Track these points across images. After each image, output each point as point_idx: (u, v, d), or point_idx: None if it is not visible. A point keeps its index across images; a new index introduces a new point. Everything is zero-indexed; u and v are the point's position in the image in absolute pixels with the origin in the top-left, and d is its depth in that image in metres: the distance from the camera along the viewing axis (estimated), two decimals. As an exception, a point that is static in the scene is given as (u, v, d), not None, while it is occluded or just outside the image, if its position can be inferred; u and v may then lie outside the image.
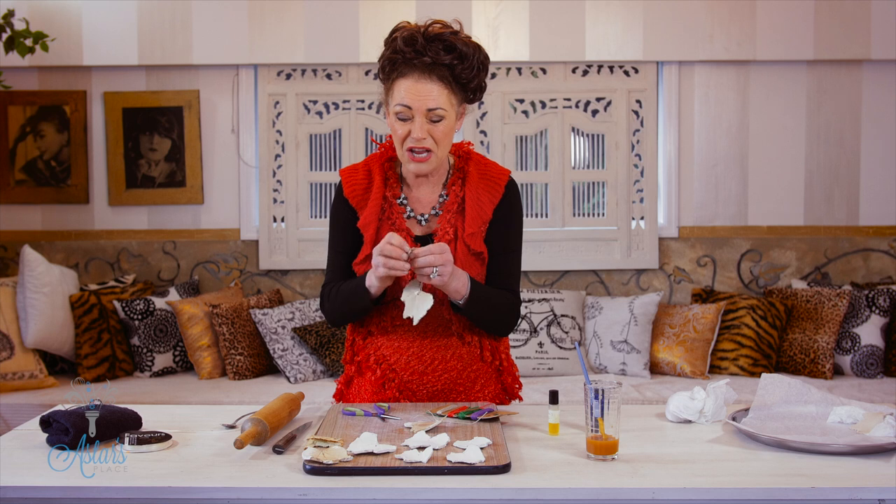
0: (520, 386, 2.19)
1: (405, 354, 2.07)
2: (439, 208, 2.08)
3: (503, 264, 2.08)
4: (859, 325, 4.11)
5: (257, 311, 4.16)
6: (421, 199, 2.09)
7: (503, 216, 2.07)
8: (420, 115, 1.94)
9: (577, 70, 4.48)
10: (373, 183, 2.08)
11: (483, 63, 2.02)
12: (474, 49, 1.99)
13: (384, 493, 1.49)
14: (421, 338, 2.07)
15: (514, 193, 2.10)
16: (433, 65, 1.94)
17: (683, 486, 1.50)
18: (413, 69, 1.95)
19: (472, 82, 2.00)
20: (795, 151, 4.50)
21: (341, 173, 2.12)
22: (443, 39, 1.95)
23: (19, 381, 3.91)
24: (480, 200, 2.04)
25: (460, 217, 2.04)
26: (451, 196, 2.07)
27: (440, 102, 1.95)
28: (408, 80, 1.95)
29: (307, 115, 4.50)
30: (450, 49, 1.95)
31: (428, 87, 1.94)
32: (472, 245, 2.02)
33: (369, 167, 2.11)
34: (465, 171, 2.09)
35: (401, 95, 1.95)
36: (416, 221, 2.07)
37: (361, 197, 2.07)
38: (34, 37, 4.00)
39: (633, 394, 3.81)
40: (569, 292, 4.33)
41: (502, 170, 2.10)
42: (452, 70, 1.96)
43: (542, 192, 4.53)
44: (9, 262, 4.49)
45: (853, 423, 1.81)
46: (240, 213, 4.53)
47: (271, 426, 1.74)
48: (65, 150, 4.50)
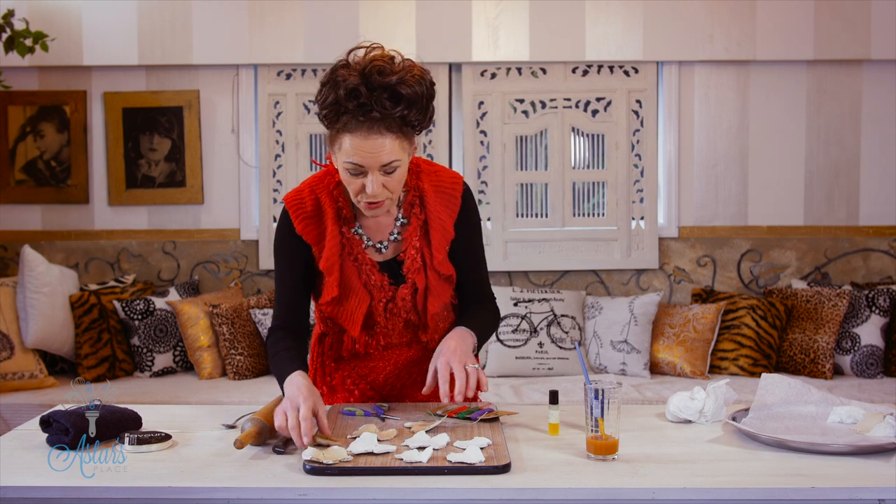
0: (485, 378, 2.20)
1: (382, 374, 2.06)
2: (398, 233, 1.97)
3: (475, 276, 2.06)
4: (859, 325, 4.11)
5: (257, 311, 4.16)
6: (378, 226, 1.98)
7: (464, 228, 2.00)
8: (373, 172, 1.79)
9: (577, 70, 4.48)
10: (325, 216, 1.94)
11: (431, 94, 1.82)
12: (420, 84, 1.78)
13: (384, 493, 1.49)
14: (397, 356, 2.06)
15: (470, 200, 2.01)
16: (382, 119, 1.76)
17: (683, 486, 1.50)
18: (360, 124, 1.75)
19: (424, 121, 1.83)
20: (795, 151, 4.50)
21: (287, 205, 1.95)
22: (388, 87, 1.74)
23: (19, 381, 3.91)
24: (442, 219, 1.96)
25: (425, 242, 1.96)
26: (412, 220, 1.96)
27: (393, 154, 1.78)
28: (356, 138, 1.76)
29: (307, 115, 4.49)
30: (397, 99, 1.75)
31: (379, 142, 1.76)
32: (442, 271, 1.96)
33: (316, 195, 1.95)
34: (420, 189, 1.97)
35: (350, 153, 1.77)
36: (376, 250, 1.97)
37: (316, 233, 1.93)
38: (34, 37, 4.00)
39: (633, 394, 3.81)
40: (569, 292, 4.33)
41: (454, 177, 2.00)
42: (403, 119, 1.78)
43: (542, 192, 4.53)
44: (9, 262, 4.49)
45: (853, 423, 1.81)
46: (240, 213, 4.53)
47: (271, 426, 1.74)
48: (65, 150, 4.50)
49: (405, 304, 1.97)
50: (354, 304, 1.94)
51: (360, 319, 1.94)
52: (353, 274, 1.94)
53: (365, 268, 1.95)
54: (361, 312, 1.94)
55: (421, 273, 1.95)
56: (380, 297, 1.96)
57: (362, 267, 1.95)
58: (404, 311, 1.98)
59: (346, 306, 1.94)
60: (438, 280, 1.97)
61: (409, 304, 1.97)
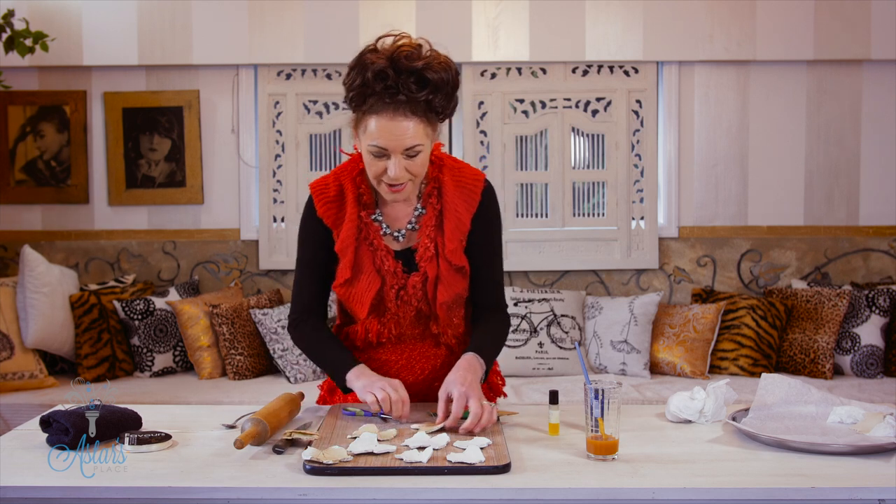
0: (503, 382, 2.21)
1: (394, 367, 2.06)
2: (416, 222, 2.01)
3: (489, 276, 2.06)
4: (859, 325, 4.11)
5: (257, 311, 4.16)
6: (396, 215, 2.02)
7: (482, 225, 2.01)
8: (396, 155, 1.84)
9: (577, 70, 4.48)
10: (346, 200, 1.99)
11: (456, 82, 1.88)
12: (446, 72, 1.85)
13: (384, 493, 1.49)
14: (410, 350, 2.06)
15: (491, 199, 2.03)
16: (407, 101, 1.82)
17: (683, 486, 1.50)
18: (386, 106, 1.82)
19: (448, 107, 1.90)
20: (795, 151, 4.50)
21: (312, 188, 2.02)
22: (415, 72, 1.81)
23: (19, 381, 3.91)
24: (458, 212, 1.98)
25: (439, 231, 1.99)
26: (428, 210, 2.00)
27: (417, 138, 1.84)
28: (381, 119, 1.82)
29: (307, 115, 4.49)
30: (423, 83, 1.82)
31: (403, 125, 1.82)
32: (454, 261, 1.97)
33: (340, 182, 2.01)
34: (440, 182, 2.00)
35: (374, 134, 1.83)
36: (393, 238, 2.01)
37: (336, 216, 1.99)
38: (34, 37, 4.00)
39: (633, 394, 3.81)
40: (569, 292, 4.33)
41: (476, 174, 2.02)
42: (428, 103, 1.84)
43: (542, 192, 4.53)
44: (9, 262, 4.49)
45: (853, 423, 1.81)
46: (240, 213, 4.53)
47: (271, 426, 1.74)
48: (65, 150, 4.50)
49: (416, 291, 1.99)
50: (365, 285, 1.97)
51: (368, 301, 1.97)
52: (367, 258, 1.98)
53: (379, 253, 1.98)
54: (370, 295, 1.97)
55: (433, 262, 1.98)
56: (392, 283, 1.98)
57: (377, 252, 1.98)
58: (415, 300, 2.00)
59: (357, 287, 1.98)
60: (450, 270, 1.98)
61: (419, 293, 1.99)
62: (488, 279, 2.06)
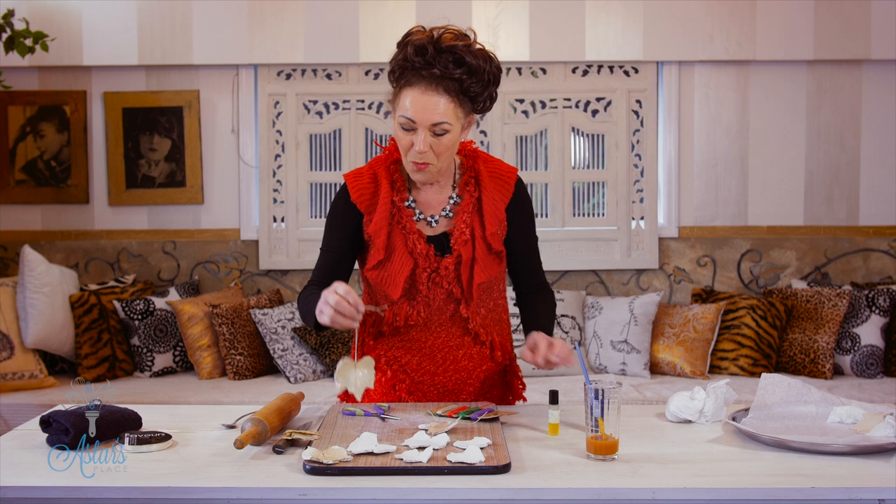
0: (524, 387, 2.21)
1: (417, 355, 2.08)
2: (451, 209, 2.06)
3: (532, 262, 2.17)
4: (859, 325, 4.11)
5: (257, 311, 4.16)
6: (430, 202, 2.07)
7: (518, 215, 2.10)
8: (424, 129, 1.90)
9: (577, 70, 4.48)
10: (380, 187, 2.04)
11: (495, 76, 1.95)
12: (485, 62, 1.93)
13: (384, 493, 1.49)
14: (434, 337, 2.07)
15: (523, 191, 2.12)
16: (441, 77, 1.89)
17: (683, 486, 1.50)
18: (421, 79, 1.90)
19: (482, 95, 1.95)
20: (795, 151, 4.50)
21: (346, 178, 2.07)
22: (454, 52, 1.89)
23: (19, 381, 3.91)
24: (494, 199, 2.05)
25: (477, 217, 2.04)
26: (465, 197, 2.05)
27: (446, 116, 1.90)
28: (414, 91, 1.90)
29: (307, 115, 4.50)
30: (460, 62, 1.90)
31: (434, 99, 1.89)
32: (493, 244, 2.04)
33: (374, 171, 2.07)
34: (475, 171, 2.07)
35: (406, 106, 1.91)
36: (426, 223, 2.06)
37: (370, 201, 2.03)
38: (34, 37, 4.00)
39: (633, 394, 3.81)
40: (569, 292, 4.33)
41: (510, 168, 2.11)
42: (461, 83, 1.91)
43: (542, 192, 4.53)
44: (9, 262, 4.49)
45: (853, 423, 1.81)
46: (240, 213, 4.53)
47: (271, 426, 1.74)
48: (65, 150, 4.50)
49: (448, 273, 2.02)
50: (398, 266, 2.01)
51: (401, 282, 2.00)
52: (400, 240, 2.02)
53: (412, 236, 2.02)
54: (403, 276, 2.00)
55: (469, 245, 2.02)
56: (424, 265, 2.02)
57: (409, 235, 2.02)
58: (446, 282, 2.03)
59: (390, 268, 2.02)
60: (486, 253, 2.04)
61: (451, 275, 2.03)
62: (536, 264, 2.19)
